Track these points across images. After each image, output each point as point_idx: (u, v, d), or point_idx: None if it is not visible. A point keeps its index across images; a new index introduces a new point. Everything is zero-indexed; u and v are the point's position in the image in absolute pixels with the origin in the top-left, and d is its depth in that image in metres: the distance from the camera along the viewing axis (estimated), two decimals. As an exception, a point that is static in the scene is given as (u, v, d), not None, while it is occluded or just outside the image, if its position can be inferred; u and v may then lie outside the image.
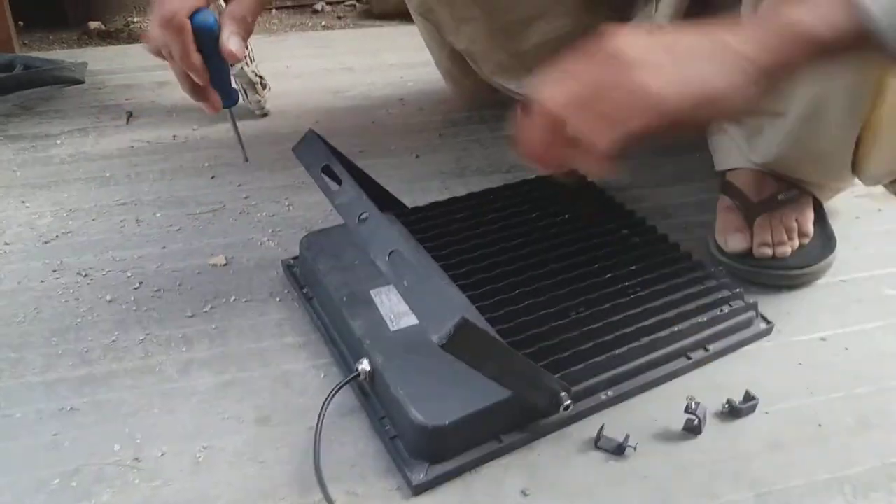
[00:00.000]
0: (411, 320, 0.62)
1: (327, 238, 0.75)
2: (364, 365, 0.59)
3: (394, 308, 0.64)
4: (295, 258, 0.78)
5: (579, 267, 0.70)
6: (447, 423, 0.53)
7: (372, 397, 0.60)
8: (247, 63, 1.08)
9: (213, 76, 0.66)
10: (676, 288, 0.69)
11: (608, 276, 0.69)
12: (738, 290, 0.70)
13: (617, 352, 0.62)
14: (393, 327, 0.62)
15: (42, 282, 0.77)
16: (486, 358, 0.50)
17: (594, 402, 0.61)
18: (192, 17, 0.62)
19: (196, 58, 0.63)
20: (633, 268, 0.70)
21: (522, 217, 0.78)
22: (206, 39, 0.64)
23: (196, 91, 0.67)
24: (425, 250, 0.71)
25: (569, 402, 0.57)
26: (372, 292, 0.66)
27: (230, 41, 0.63)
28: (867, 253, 0.82)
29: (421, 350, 0.59)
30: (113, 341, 0.69)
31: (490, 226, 0.76)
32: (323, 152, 0.65)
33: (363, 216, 0.56)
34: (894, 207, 0.90)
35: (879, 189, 0.93)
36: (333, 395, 0.59)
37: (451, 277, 0.68)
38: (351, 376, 0.60)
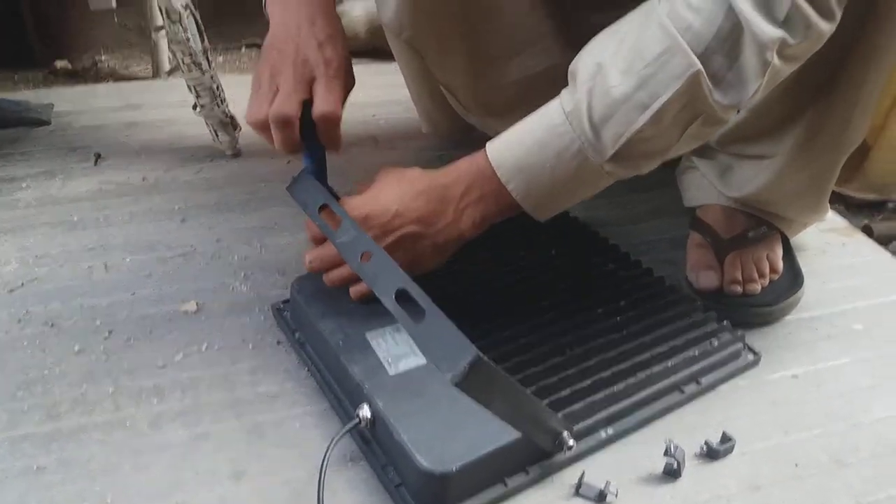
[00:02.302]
0: (410, 363, 0.62)
1: (319, 281, 0.74)
2: (364, 411, 0.58)
3: (391, 351, 0.63)
4: (285, 302, 0.76)
5: (570, 302, 0.71)
6: (455, 469, 0.53)
7: (373, 444, 0.59)
8: (217, 103, 1.07)
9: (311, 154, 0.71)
10: (666, 321, 0.70)
11: (599, 311, 0.70)
12: (724, 322, 0.71)
13: (615, 388, 0.62)
14: (392, 371, 0.61)
15: (6, 332, 0.75)
16: (497, 396, 0.49)
17: (594, 441, 0.61)
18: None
19: (298, 146, 0.68)
20: (623, 303, 0.71)
21: (510, 253, 0.79)
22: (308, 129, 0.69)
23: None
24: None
25: (572, 441, 0.57)
26: (368, 335, 0.65)
27: (324, 103, 0.68)
28: (834, 287, 0.83)
29: (422, 393, 0.58)
30: (82, 394, 0.67)
31: (479, 263, 0.77)
32: (319, 191, 0.65)
33: (366, 255, 0.56)
34: (858, 241, 0.92)
35: (843, 223, 0.95)
36: (335, 445, 0.57)
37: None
38: (352, 423, 0.58)
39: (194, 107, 1.07)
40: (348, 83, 0.72)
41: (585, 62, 0.61)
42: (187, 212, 0.97)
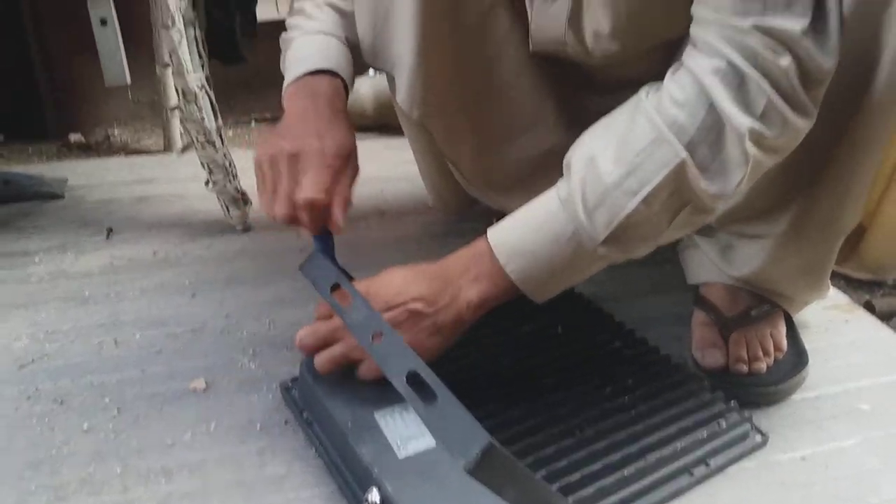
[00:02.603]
0: (419, 445, 0.62)
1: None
2: (373, 495, 0.58)
3: (400, 432, 0.63)
4: (294, 380, 0.77)
5: (577, 382, 0.71)
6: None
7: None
8: (230, 180, 1.10)
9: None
10: (673, 402, 0.70)
11: (607, 390, 0.71)
12: (732, 402, 0.71)
13: (625, 472, 0.62)
14: (401, 453, 0.61)
15: (16, 409, 0.76)
16: (508, 483, 0.49)
17: (604, 529, 0.60)
18: None
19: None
20: (630, 382, 0.72)
21: (515, 330, 0.80)
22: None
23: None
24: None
25: (583, 530, 0.57)
26: (377, 415, 0.65)
27: (338, 217, 0.74)
28: (838, 365, 0.84)
29: (432, 477, 0.58)
30: (89, 474, 0.67)
31: (484, 340, 0.77)
32: (331, 270, 0.67)
33: (377, 335, 0.57)
34: (860, 318, 0.93)
35: (845, 299, 0.97)
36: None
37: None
38: None
39: (206, 183, 1.10)
40: (348, 172, 0.77)
41: (579, 154, 0.65)
42: (198, 286, 0.99)
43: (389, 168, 1.38)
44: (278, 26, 1.56)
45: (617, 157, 0.62)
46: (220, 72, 1.31)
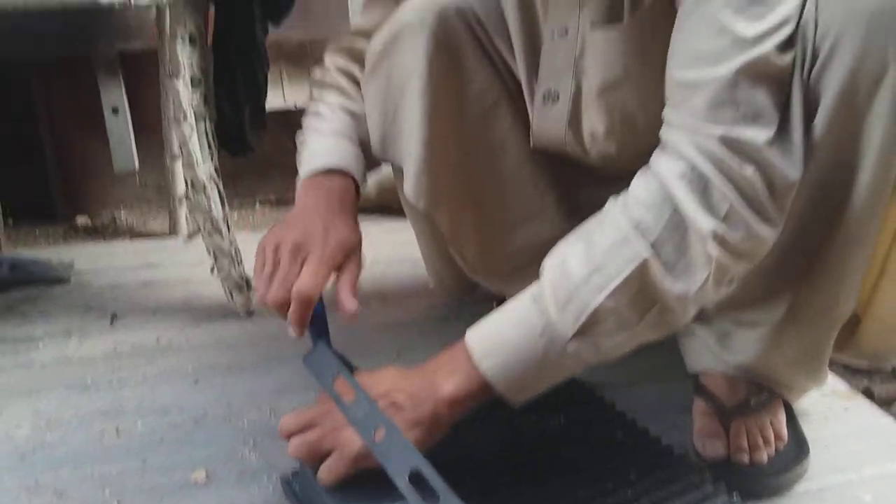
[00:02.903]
0: None
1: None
2: None
3: None
4: (294, 473, 0.76)
5: (581, 475, 0.71)
6: None
7: None
8: (234, 266, 1.12)
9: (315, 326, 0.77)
10: (676, 494, 0.70)
11: (610, 484, 0.71)
12: (735, 494, 0.71)
13: None
14: None
15: (15, 502, 0.75)
16: None
17: None
18: None
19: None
20: (632, 475, 0.72)
21: (518, 421, 0.80)
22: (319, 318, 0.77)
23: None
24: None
25: None
26: None
27: (348, 302, 0.76)
28: (839, 454, 0.84)
29: None
30: (87, 571, 0.67)
31: (486, 431, 0.77)
32: (334, 363, 0.67)
33: (380, 431, 0.57)
34: (860, 405, 0.94)
35: (844, 386, 0.97)
36: None
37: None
38: None
39: (212, 270, 1.12)
40: (350, 268, 0.79)
41: (552, 257, 0.68)
42: (200, 373, 0.99)
43: (391, 250, 1.40)
44: (285, 114, 1.62)
45: (585, 256, 0.65)
46: (225, 154, 1.35)
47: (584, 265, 0.64)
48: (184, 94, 1.00)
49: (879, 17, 0.61)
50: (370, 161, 0.93)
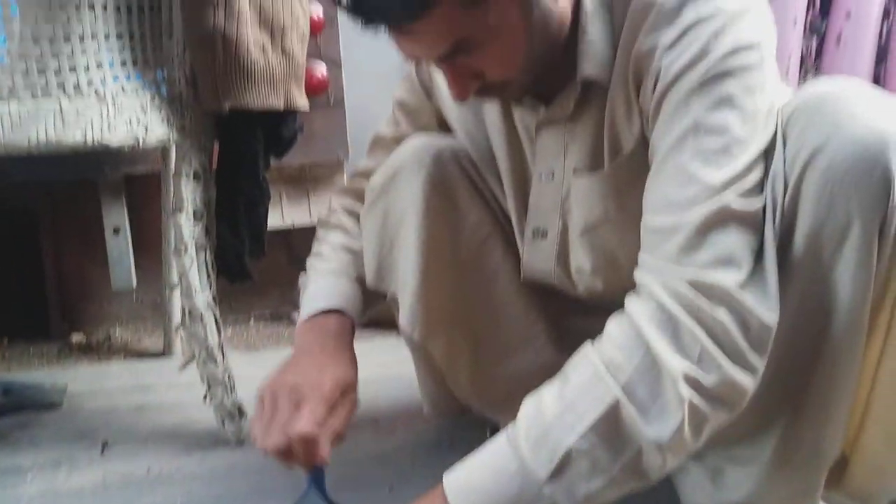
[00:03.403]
0: None
1: None
2: None
3: None
4: None
5: None
6: None
7: None
8: (227, 394, 1.12)
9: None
10: None
11: None
12: None
13: None
14: None
15: None
16: None
17: None
18: None
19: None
20: None
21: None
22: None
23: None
24: None
25: None
26: None
27: (323, 451, 0.77)
28: None
29: None
30: None
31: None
32: None
33: None
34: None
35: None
36: None
37: None
38: None
39: (205, 397, 1.12)
40: (346, 405, 0.81)
41: (530, 395, 0.69)
42: (189, 507, 0.98)
43: (384, 370, 1.40)
44: (283, 233, 1.66)
45: (558, 394, 0.66)
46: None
47: (557, 403, 0.65)
48: (186, 227, 1.03)
49: (842, 174, 0.65)
50: (371, 294, 0.96)
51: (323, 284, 0.92)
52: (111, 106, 0.89)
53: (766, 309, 0.65)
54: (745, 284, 0.64)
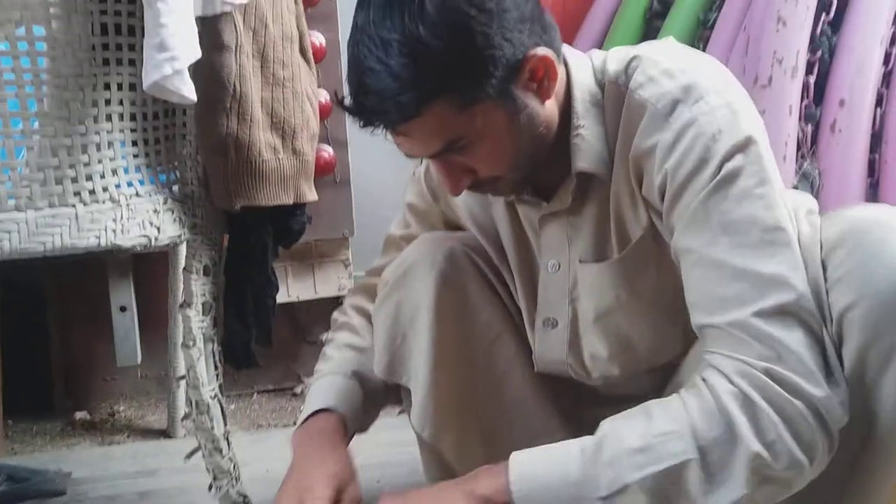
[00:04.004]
0: None
1: None
2: None
3: None
4: None
5: None
6: None
7: None
8: (233, 484, 1.12)
9: None
10: None
11: None
12: None
13: None
14: None
15: None
16: None
17: None
18: None
19: None
20: None
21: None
22: None
23: None
24: None
25: None
26: None
27: None
28: None
29: None
30: None
31: None
32: None
33: None
34: None
35: None
36: None
37: None
38: None
39: (210, 487, 1.12)
40: (345, 499, 0.83)
41: (612, 419, 0.72)
42: None
43: (389, 452, 1.39)
44: (287, 307, 1.67)
45: (640, 432, 0.69)
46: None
47: (637, 440, 0.68)
48: (195, 321, 1.04)
49: (889, 304, 0.67)
50: (375, 388, 0.97)
51: (318, 386, 0.93)
52: (125, 209, 0.91)
53: (838, 404, 0.67)
54: (819, 382, 0.67)
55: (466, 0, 0.69)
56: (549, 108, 0.79)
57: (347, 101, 0.75)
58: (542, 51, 0.74)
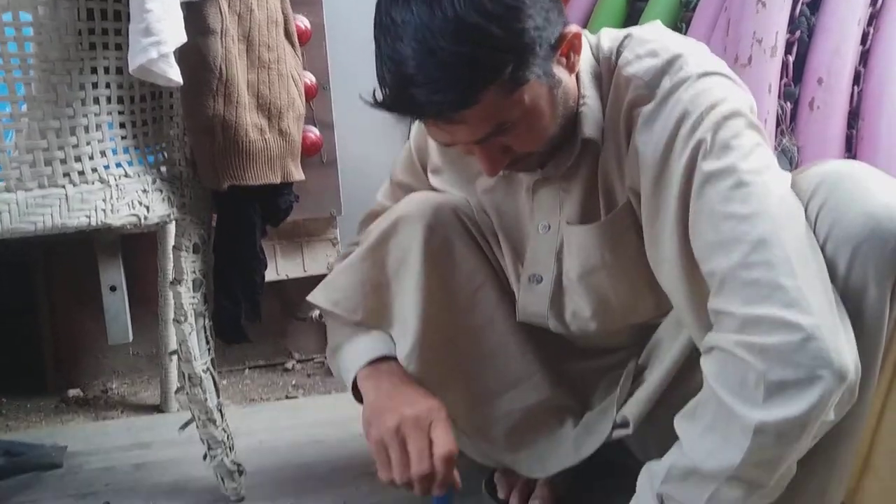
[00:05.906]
0: None
1: None
2: None
3: None
4: None
5: None
6: None
7: None
8: (227, 453, 1.15)
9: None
10: None
11: None
12: None
13: None
14: None
15: None
16: None
17: None
18: None
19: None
20: None
21: None
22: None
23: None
24: None
25: None
26: None
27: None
28: None
29: None
30: None
31: None
32: None
33: None
34: None
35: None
36: None
37: None
38: None
39: (205, 457, 1.15)
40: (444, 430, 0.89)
41: (685, 420, 0.79)
42: (190, 572, 1.00)
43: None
44: (277, 285, 1.70)
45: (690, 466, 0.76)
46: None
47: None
48: (185, 297, 1.07)
49: (859, 244, 0.71)
50: None
51: (361, 341, 1.00)
52: (114, 190, 0.93)
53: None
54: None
55: None
56: (573, 81, 0.84)
57: (382, 95, 0.75)
58: (573, 27, 0.79)
